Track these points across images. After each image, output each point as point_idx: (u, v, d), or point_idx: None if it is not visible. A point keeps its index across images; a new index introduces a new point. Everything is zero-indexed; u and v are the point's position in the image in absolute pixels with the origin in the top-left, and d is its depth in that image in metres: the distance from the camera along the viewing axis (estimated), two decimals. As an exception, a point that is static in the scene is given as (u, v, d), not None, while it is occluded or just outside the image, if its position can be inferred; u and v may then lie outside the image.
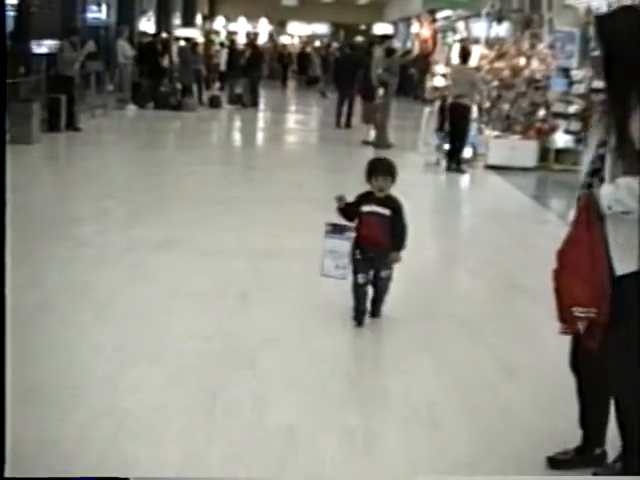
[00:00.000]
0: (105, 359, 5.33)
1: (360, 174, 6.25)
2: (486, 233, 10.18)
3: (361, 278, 6.09)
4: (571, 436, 4.56)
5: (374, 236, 6.00)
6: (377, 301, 6.28)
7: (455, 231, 10.62)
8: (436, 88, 19.95)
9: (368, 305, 6.20)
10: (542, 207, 12.19)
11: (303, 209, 10.27)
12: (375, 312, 6.28)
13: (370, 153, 16.62)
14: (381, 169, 6.11)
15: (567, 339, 6.20)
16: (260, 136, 21.27)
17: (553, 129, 15.47)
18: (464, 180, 14.46)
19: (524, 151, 15.03)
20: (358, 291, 6.11)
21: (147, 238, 8.53)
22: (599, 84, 15.32)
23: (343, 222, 6.09)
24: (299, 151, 18.34)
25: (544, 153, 15.27)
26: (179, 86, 23.96)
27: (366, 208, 6.05)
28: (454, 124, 14.76)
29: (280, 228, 9.21)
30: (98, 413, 4.58)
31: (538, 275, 8.02)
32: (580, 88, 15.50)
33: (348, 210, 6.11)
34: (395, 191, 6.13)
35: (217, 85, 28.89)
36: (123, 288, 6.88)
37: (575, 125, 15.34)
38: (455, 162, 14.61)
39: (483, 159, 15.20)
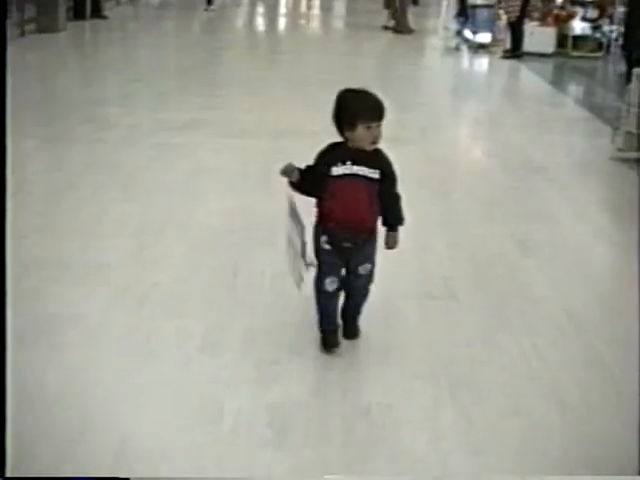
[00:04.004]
0: (131, 235, 5.25)
1: (378, 57, 5.97)
2: (504, 115, 9.96)
3: (330, 284, 3.79)
4: (581, 310, 4.47)
5: (355, 213, 3.65)
6: (352, 312, 4.00)
7: (474, 113, 10.37)
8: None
9: (339, 320, 3.98)
10: (559, 91, 11.91)
11: (323, 91, 9.99)
12: (349, 330, 3.99)
13: (390, 38, 16.28)
14: (378, 108, 3.59)
15: (580, 218, 6.11)
16: (282, 22, 20.82)
17: (571, 16, 15.06)
18: (483, 64, 14.15)
19: (542, 37, 14.63)
20: (327, 303, 3.86)
21: (172, 119, 8.41)
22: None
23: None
24: (320, 36, 17.97)
25: (562, 40, 14.90)
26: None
27: (339, 170, 3.59)
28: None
29: (301, 109, 9.03)
30: (124, 287, 4.50)
31: (554, 156, 7.91)
32: (597, -24, 15.08)
33: (308, 181, 3.65)
34: (416, 76, 5.79)
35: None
36: (148, 167, 6.77)
37: (592, 13, 15.00)
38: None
39: (502, 45, 14.83)
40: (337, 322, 3.93)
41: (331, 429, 3.27)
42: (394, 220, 3.81)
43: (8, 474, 2.42)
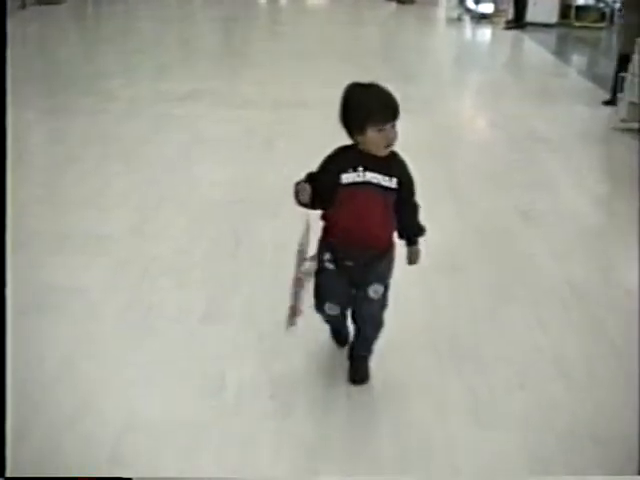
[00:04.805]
0: (132, 206, 5.18)
1: (381, 27, 5.89)
2: (507, 86, 9.83)
3: (330, 308, 3.27)
4: (584, 281, 4.41)
5: (365, 227, 3.08)
6: (361, 348, 3.40)
7: (477, 84, 10.26)
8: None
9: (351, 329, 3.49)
10: (562, 62, 11.78)
11: (325, 61, 9.93)
12: (356, 371, 3.38)
13: (393, 8, 16.13)
14: (391, 107, 2.99)
15: (583, 188, 6.04)
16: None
17: (575, -14, 14.93)
18: (486, 35, 14.01)
19: (545, 7, 14.49)
20: (333, 321, 3.44)
21: (174, 91, 8.33)
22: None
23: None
24: (323, 6, 17.79)
25: (565, 10, 14.76)
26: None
27: (350, 177, 3.03)
28: None
29: (303, 80, 8.93)
30: (124, 259, 4.44)
31: (557, 127, 7.82)
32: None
33: (318, 194, 3.02)
34: (419, 47, 5.71)
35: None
36: (150, 138, 6.70)
37: (595, -17, 14.87)
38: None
39: (504, 15, 14.69)
40: (348, 331, 3.51)
41: (334, 402, 3.22)
42: (415, 231, 3.25)
43: (8, 474, 2.37)
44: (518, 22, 14.06)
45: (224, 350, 3.57)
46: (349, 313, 3.37)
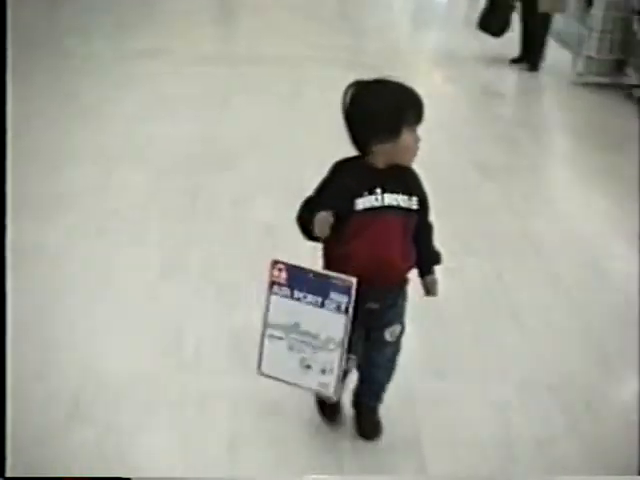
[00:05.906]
0: (90, 162, 5.08)
1: None
2: (465, 43, 9.74)
3: (348, 361, 2.49)
4: (541, 233, 4.40)
5: (389, 262, 2.49)
6: (370, 398, 2.83)
7: (433, 40, 10.19)
8: None
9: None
10: (520, 18, 11.71)
11: (286, 16, 9.78)
12: (366, 424, 2.83)
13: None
14: (421, 102, 2.50)
15: (541, 141, 6.02)
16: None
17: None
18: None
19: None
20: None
21: (133, 48, 8.14)
22: None
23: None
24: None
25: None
26: None
27: (366, 202, 2.43)
28: None
29: (259, 35, 8.81)
30: (82, 217, 4.34)
31: (514, 82, 7.80)
32: None
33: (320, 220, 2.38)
34: (375, 2, 5.62)
35: None
36: (109, 94, 6.56)
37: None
38: None
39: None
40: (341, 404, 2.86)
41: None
42: (433, 259, 2.69)
43: (8, 474, 2.32)
44: None
45: (182, 305, 3.52)
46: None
